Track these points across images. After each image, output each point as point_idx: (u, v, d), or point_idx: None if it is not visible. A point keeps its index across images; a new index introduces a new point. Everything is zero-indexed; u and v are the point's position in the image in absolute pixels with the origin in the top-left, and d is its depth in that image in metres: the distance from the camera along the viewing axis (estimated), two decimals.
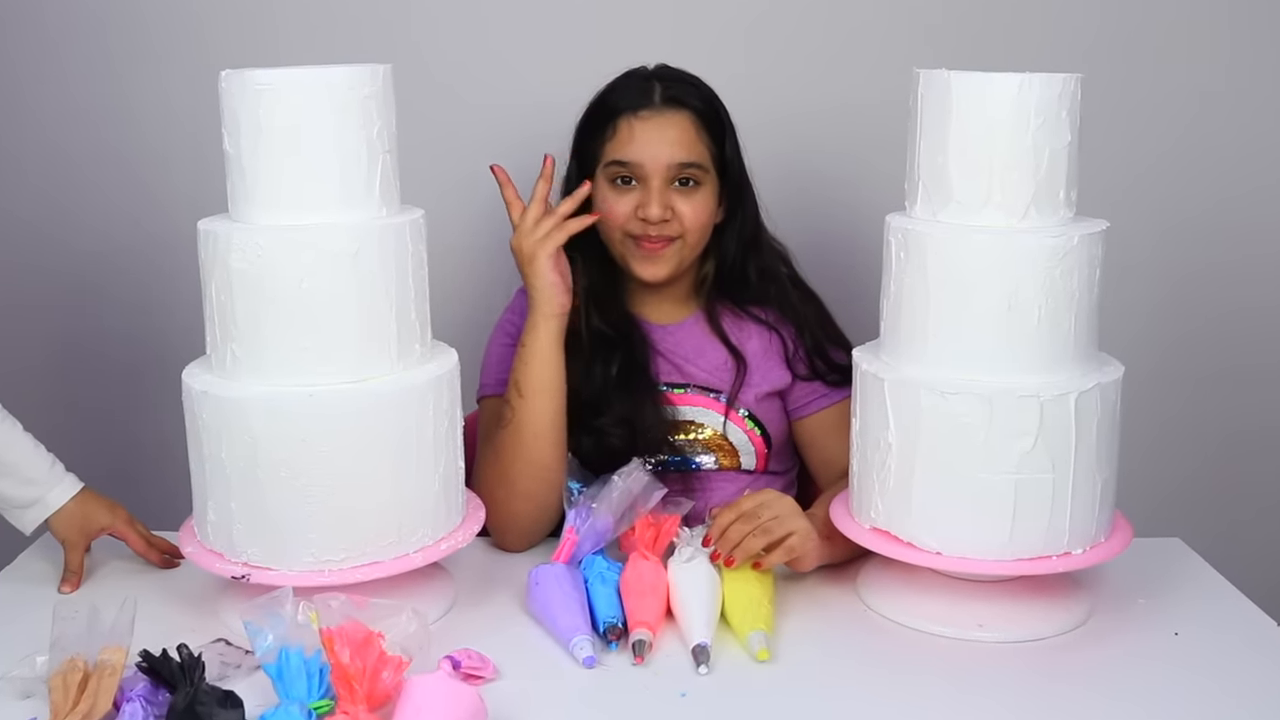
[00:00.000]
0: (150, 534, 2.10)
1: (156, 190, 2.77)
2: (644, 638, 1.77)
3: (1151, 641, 1.85)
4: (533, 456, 2.14)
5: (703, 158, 2.23)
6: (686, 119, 2.24)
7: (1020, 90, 1.77)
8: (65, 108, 2.78)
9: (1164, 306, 2.91)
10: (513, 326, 2.33)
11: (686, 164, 2.21)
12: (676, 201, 2.22)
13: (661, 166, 2.21)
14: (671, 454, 2.26)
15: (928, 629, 1.86)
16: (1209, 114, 2.82)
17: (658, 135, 2.22)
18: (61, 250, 2.83)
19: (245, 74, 1.77)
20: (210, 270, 1.82)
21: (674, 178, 2.22)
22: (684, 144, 2.22)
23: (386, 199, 1.84)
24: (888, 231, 1.90)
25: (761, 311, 2.33)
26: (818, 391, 2.30)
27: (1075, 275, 1.79)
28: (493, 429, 2.22)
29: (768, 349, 2.31)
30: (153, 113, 2.77)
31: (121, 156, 2.78)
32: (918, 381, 1.82)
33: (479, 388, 2.33)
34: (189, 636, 1.65)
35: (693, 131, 2.23)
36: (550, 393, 2.16)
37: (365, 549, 1.81)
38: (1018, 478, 1.78)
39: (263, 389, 1.78)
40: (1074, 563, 1.83)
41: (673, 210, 2.22)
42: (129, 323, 2.84)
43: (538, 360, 2.16)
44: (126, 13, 2.73)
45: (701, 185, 2.23)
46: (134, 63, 2.75)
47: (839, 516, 1.97)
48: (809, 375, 2.30)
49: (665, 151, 2.21)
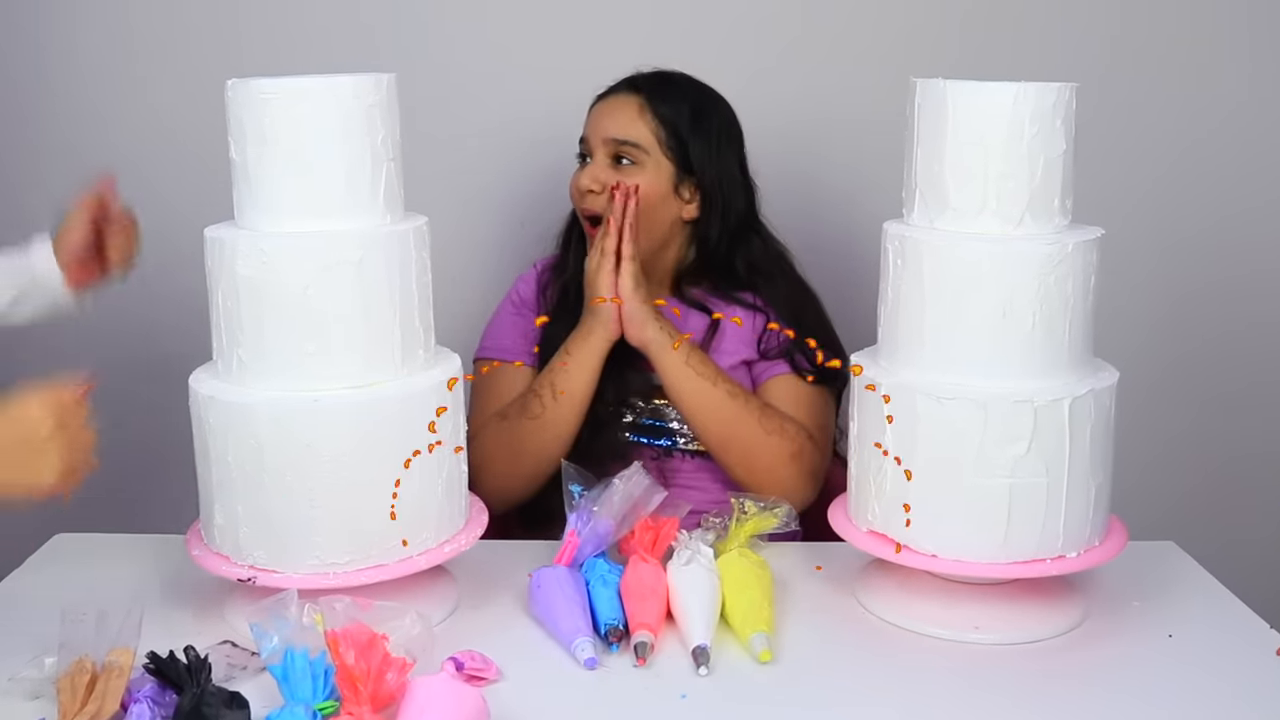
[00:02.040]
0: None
1: (164, 198, 2.78)
2: (645, 639, 1.78)
3: (1146, 643, 1.86)
4: (549, 452, 2.24)
5: (642, 138, 2.30)
6: (633, 100, 2.32)
7: (1016, 99, 1.79)
8: (76, 113, 2.80)
9: (1165, 322, 2.91)
10: (518, 296, 2.42)
11: (622, 141, 2.30)
12: (613, 178, 2.29)
13: (600, 140, 2.31)
14: (652, 417, 2.34)
15: (925, 631, 1.87)
16: (1211, 126, 2.82)
17: (605, 112, 2.33)
18: None
19: (251, 83, 1.78)
20: (217, 277, 1.83)
21: (613, 154, 2.30)
22: (623, 122, 2.31)
23: (390, 206, 1.86)
24: (885, 238, 1.91)
25: (746, 295, 2.37)
26: (778, 365, 2.34)
27: (1070, 281, 1.81)
28: (510, 408, 2.30)
29: (745, 329, 2.36)
30: (161, 121, 2.79)
31: (130, 163, 2.77)
32: (914, 386, 1.84)
33: (477, 351, 2.41)
34: (195, 638, 1.66)
35: (635, 111, 2.31)
36: (583, 400, 2.26)
37: (369, 552, 1.82)
38: (1012, 482, 1.79)
39: (268, 394, 1.80)
40: (1068, 566, 1.85)
41: (604, 186, 2.29)
42: (137, 327, 2.85)
43: (581, 371, 2.25)
44: (134, 22, 2.75)
45: (640, 165, 2.29)
46: (142, 71, 2.77)
47: (837, 519, 1.99)
48: (775, 355, 2.34)
49: (605, 125, 2.32)
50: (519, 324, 2.45)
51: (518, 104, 2.78)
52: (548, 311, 2.40)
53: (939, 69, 1.90)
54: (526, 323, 2.43)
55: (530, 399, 2.28)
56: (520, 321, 2.45)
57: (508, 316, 2.47)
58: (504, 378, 2.38)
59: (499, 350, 2.43)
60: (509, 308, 2.48)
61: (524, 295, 2.47)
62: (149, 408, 2.83)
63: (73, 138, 2.81)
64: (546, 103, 2.48)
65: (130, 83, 2.77)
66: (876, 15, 2.77)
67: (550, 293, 2.46)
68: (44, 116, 2.82)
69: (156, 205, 2.79)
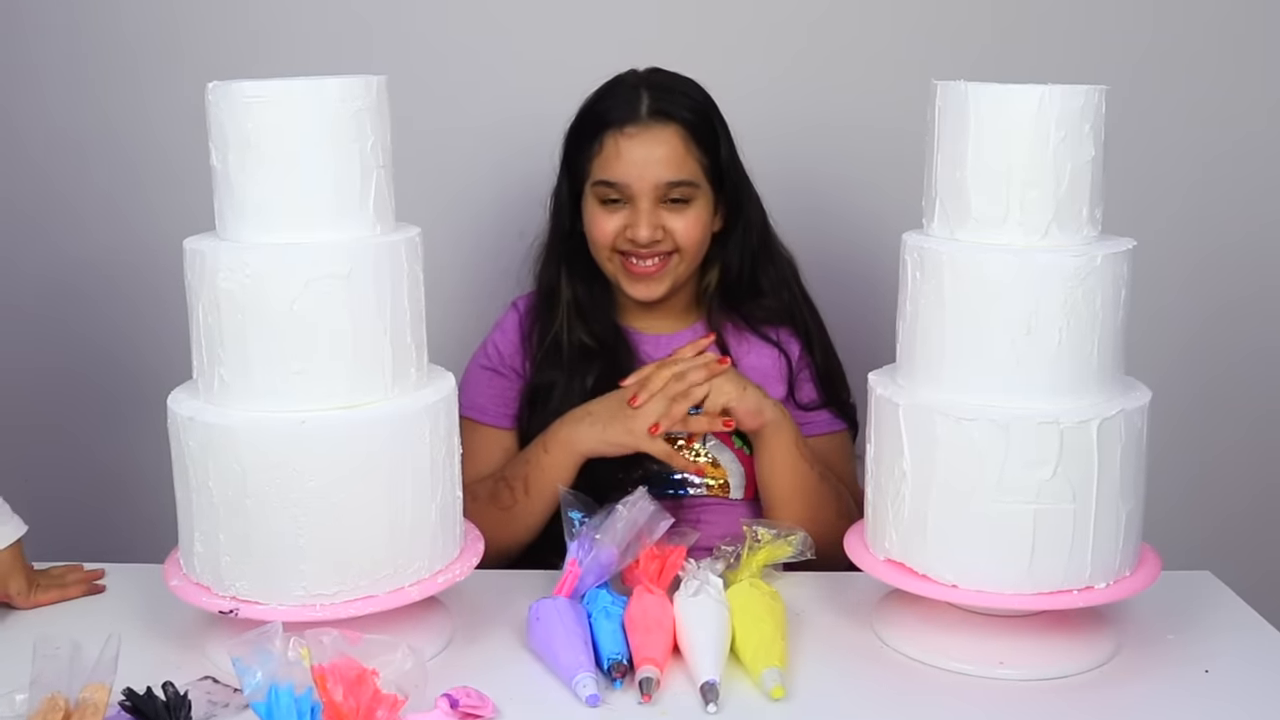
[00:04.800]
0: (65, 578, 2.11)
1: (140, 208, 2.79)
2: (651, 675, 1.77)
3: (1181, 680, 1.85)
4: (519, 539, 2.27)
5: (693, 174, 2.26)
6: (675, 134, 2.26)
7: (1041, 103, 1.79)
8: (44, 120, 2.80)
9: (1201, 338, 2.90)
10: (495, 351, 2.37)
11: (676, 182, 2.25)
12: (667, 220, 2.25)
13: (649, 186, 2.24)
14: (656, 480, 2.28)
15: (947, 666, 1.87)
16: (1250, 129, 2.82)
17: (644, 154, 2.25)
18: (39, 270, 2.84)
19: (233, 85, 1.78)
20: (197, 291, 1.83)
21: (663, 196, 2.24)
22: (672, 161, 2.25)
23: (381, 216, 1.86)
24: (903, 250, 1.92)
25: (771, 330, 2.36)
26: (820, 417, 2.32)
27: (1098, 296, 1.81)
28: (480, 488, 2.27)
29: (769, 368, 2.34)
30: (135, 126, 2.78)
31: (102, 172, 2.79)
32: (932, 406, 1.84)
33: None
34: (175, 674, 1.67)
35: (681, 147, 2.26)
36: (554, 498, 2.18)
37: (358, 582, 1.82)
38: (1036, 508, 1.79)
39: (251, 415, 1.80)
40: (1096, 597, 1.85)
41: (664, 229, 2.24)
42: (112, 346, 2.85)
43: (559, 473, 2.21)
44: (109, 23, 2.76)
45: (693, 201, 2.26)
46: (115, 73, 2.77)
47: (853, 547, 2.00)
48: (817, 404, 2.33)
49: (653, 171, 2.24)
50: (496, 383, 2.41)
51: (517, 107, 2.78)
52: (535, 358, 2.38)
53: (960, 72, 1.90)
54: (504, 382, 2.41)
55: (500, 489, 2.26)
56: (497, 380, 2.41)
57: (482, 372, 2.42)
58: (480, 441, 2.36)
59: (474, 409, 2.39)
60: (484, 361, 2.43)
61: (502, 349, 2.42)
62: (125, 429, 2.84)
63: (44, 142, 2.82)
64: (547, 106, 2.49)
65: (106, 85, 2.78)
66: (893, 15, 2.78)
67: (535, 333, 2.41)
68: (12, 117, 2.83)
69: (133, 215, 2.81)
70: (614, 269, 2.31)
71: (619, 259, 2.30)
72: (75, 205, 2.82)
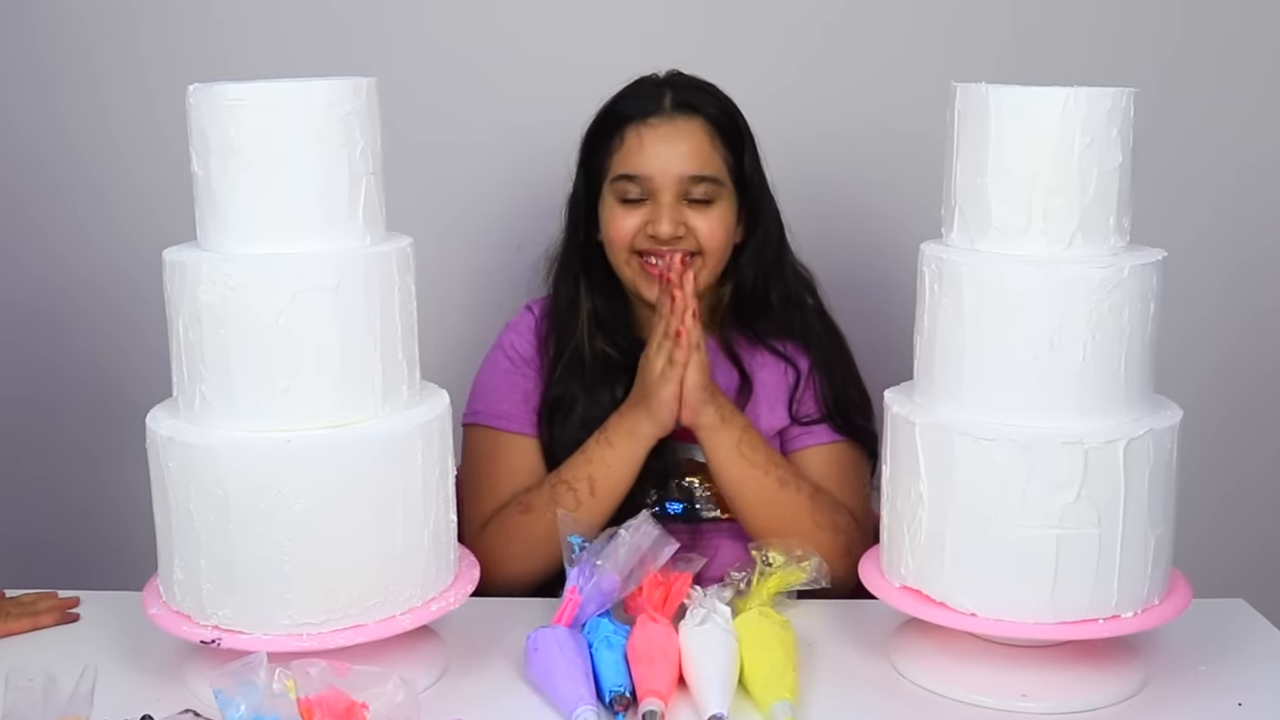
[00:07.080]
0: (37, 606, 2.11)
1: (116, 217, 2.78)
2: (654, 708, 1.77)
3: (1213, 712, 1.85)
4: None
5: (718, 170, 2.26)
6: (700, 127, 2.27)
7: (1066, 106, 1.79)
8: (23, 121, 2.80)
9: (1234, 354, 2.90)
10: (514, 351, 2.36)
11: (700, 177, 2.25)
12: (691, 218, 2.24)
13: (672, 179, 2.24)
14: (679, 498, 2.30)
15: (966, 699, 1.87)
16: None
17: (668, 145, 2.25)
18: (9, 282, 2.84)
19: (215, 88, 1.78)
20: (177, 304, 1.83)
21: (686, 192, 2.25)
22: (697, 155, 2.25)
23: (371, 225, 1.86)
24: (921, 261, 1.92)
25: (781, 345, 2.36)
26: (818, 429, 2.33)
27: (1126, 310, 1.80)
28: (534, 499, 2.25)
29: (779, 386, 2.34)
30: (111, 131, 2.78)
31: (75, 181, 2.79)
32: (950, 425, 1.84)
33: (468, 413, 2.36)
34: (154, 706, 1.68)
35: (707, 141, 2.26)
36: (621, 497, 2.21)
37: (347, 611, 1.81)
38: (1059, 532, 1.79)
39: (234, 435, 1.79)
40: (1123, 626, 1.84)
41: (686, 227, 2.24)
42: (88, 362, 2.85)
43: (625, 467, 2.22)
44: (88, 20, 2.76)
45: (717, 201, 2.26)
46: (96, 75, 2.77)
47: (868, 573, 2.00)
48: (813, 418, 2.33)
49: (676, 163, 2.24)
50: (518, 385, 2.39)
51: (515, 111, 2.78)
52: (552, 367, 2.38)
53: (981, 73, 1.90)
54: (527, 383, 2.39)
55: (561, 491, 2.23)
56: (520, 382, 2.39)
57: (502, 375, 2.41)
58: (511, 451, 2.35)
59: (497, 416, 2.37)
60: (503, 363, 2.41)
61: (520, 349, 2.41)
62: (102, 450, 2.84)
63: (18, 148, 2.82)
64: (547, 110, 2.49)
65: (82, 87, 2.78)
66: (912, 14, 2.78)
67: (551, 343, 2.40)
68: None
69: (110, 224, 2.81)
70: (631, 273, 2.31)
71: (637, 261, 2.30)
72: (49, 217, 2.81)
